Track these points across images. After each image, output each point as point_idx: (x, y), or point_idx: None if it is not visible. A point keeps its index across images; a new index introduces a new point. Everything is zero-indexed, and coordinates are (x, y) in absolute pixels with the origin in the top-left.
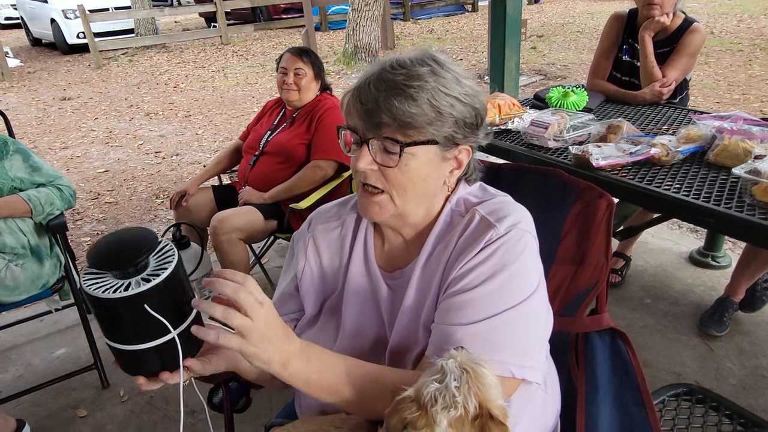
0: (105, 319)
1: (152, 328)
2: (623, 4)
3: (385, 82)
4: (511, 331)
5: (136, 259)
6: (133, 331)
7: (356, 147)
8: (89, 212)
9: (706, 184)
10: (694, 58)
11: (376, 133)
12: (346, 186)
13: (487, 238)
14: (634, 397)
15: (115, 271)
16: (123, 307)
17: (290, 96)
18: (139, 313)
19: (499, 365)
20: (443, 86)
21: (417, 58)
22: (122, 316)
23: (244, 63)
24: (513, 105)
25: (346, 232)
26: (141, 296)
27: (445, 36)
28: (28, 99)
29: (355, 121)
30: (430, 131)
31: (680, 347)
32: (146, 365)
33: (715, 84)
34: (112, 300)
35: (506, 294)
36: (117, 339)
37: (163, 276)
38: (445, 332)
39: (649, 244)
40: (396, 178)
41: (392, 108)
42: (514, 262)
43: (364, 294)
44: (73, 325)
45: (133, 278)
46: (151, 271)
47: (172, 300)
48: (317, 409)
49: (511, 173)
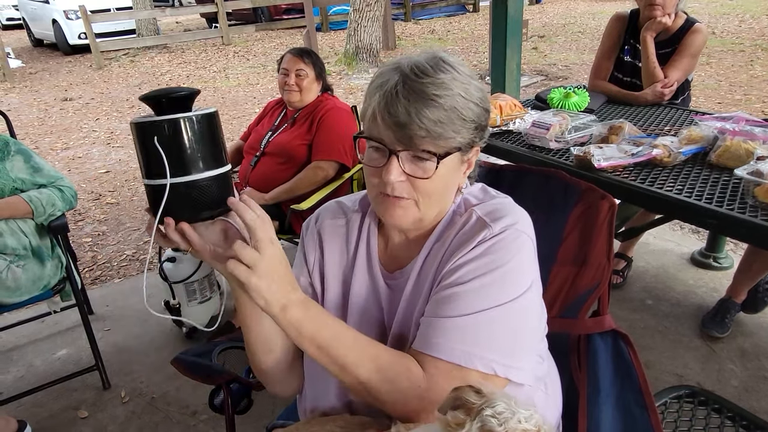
0: (151, 151)
1: (190, 161)
2: (625, 5)
3: (416, 93)
4: (498, 328)
5: (183, 97)
6: (175, 158)
7: (381, 157)
8: (91, 213)
9: (708, 186)
10: (696, 59)
11: (408, 146)
12: (347, 187)
13: (480, 237)
14: (636, 399)
15: (166, 109)
16: (167, 131)
17: (292, 97)
18: (181, 140)
19: (482, 362)
20: (464, 92)
21: (433, 62)
22: (165, 142)
23: (246, 63)
24: (514, 106)
25: (351, 229)
26: (183, 120)
27: (447, 36)
28: (29, 100)
29: (382, 132)
30: (458, 140)
31: (682, 349)
32: (175, 204)
33: (716, 84)
34: (167, 120)
35: (496, 291)
36: (153, 171)
37: (206, 111)
38: (431, 324)
39: (650, 245)
40: (425, 187)
41: (425, 120)
42: (508, 262)
43: (367, 293)
44: (74, 326)
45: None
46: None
47: (212, 143)
48: (320, 411)
49: (512, 174)
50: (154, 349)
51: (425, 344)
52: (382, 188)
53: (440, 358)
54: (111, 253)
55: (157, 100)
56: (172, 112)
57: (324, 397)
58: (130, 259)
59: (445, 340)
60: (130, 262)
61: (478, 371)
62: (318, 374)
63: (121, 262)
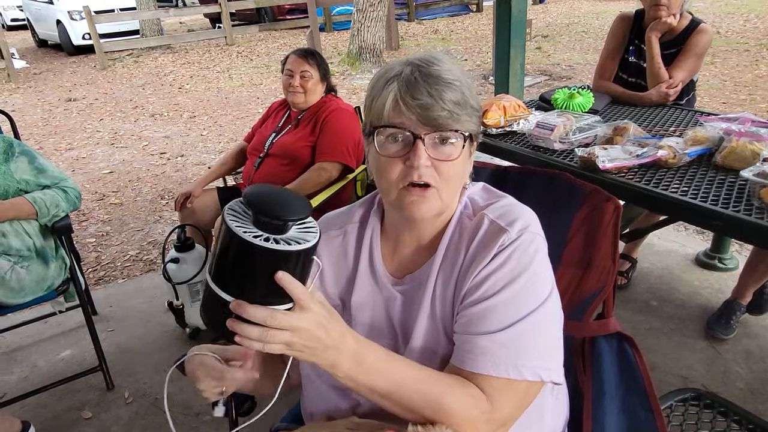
0: (232, 263)
1: (271, 291)
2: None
3: (433, 77)
4: (535, 335)
5: (288, 216)
6: (248, 284)
7: (401, 147)
8: (94, 213)
9: (713, 187)
10: (701, 59)
11: (434, 128)
12: (351, 188)
13: (499, 243)
14: (641, 401)
15: (263, 218)
16: (257, 259)
17: (296, 98)
18: (267, 270)
19: (530, 371)
20: (468, 80)
21: (435, 56)
22: (249, 267)
23: (249, 64)
24: (518, 106)
25: (348, 240)
26: (281, 254)
27: (450, 36)
28: (34, 100)
29: (405, 118)
30: (471, 126)
31: (687, 350)
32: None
33: (721, 84)
34: (257, 248)
35: (526, 299)
36: (229, 286)
37: (306, 246)
38: (470, 341)
39: (655, 246)
40: (448, 171)
41: (447, 101)
42: (529, 266)
43: (372, 304)
44: (77, 326)
45: (273, 235)
46: (290, 237)
47: (297, 274)
48: (324, 413)
49: (516, 176)
50: (158, 350)
51: (472, 363)
52: (409, 178)
53: (493, 376)
54: (115, 254)
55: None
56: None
57: (328, 398)
58: (133, 259)
59: (492, 356)
60: (134, 263)
61: (527, 380)
62: (321, 375)
63: (125, 262)
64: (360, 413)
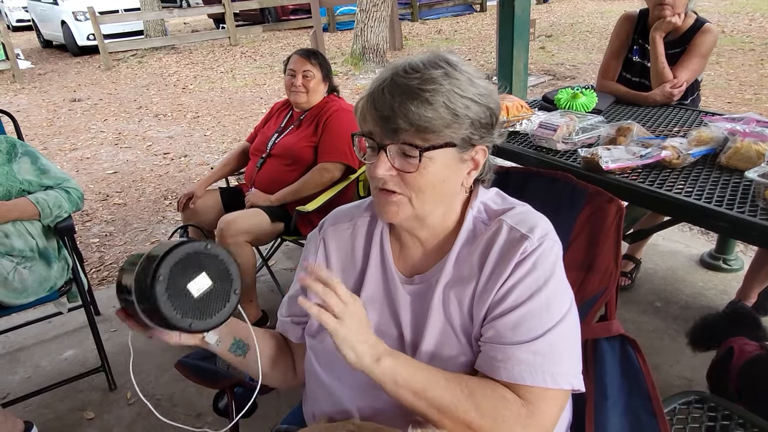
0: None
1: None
2: (633, 4)
3: (400, 87)
4: (566, 342)
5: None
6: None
7: (372, 153)
8: (98, 213)
9: (718, 188)
10: (706, 59)
11: (393, 139)
12: (353, 188)
13: (521, 250)
14: (644, 405)
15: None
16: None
17: (298, 98)
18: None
19: (563, 378)
20: (458, 88)
21: (429, 60)
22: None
23: (253, 64)
24: (521, 107)
25: (357, 234)
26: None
27: (454, 36)
28: (38, 100)
29: (371, 127)
30: (448, 134)
31: (690, 352)
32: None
33: (726, 84)
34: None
35: (554, 307)
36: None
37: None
38: (502, 351)
39: (659, 247)
40: (415, 182)
41: (408, 113)
42: (553, 274)
43: (381, 300)
44: (80, 327)
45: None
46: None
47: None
48: (326, 414)
49: (519, 176)
50: (160, 351)
51: (509, 374)
52: (376, 183)
53: (530, 386)
54: (118, 254)
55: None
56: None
57: (330, 400)
58: None
59: (528, 366)
60: None
61: (563, 389)
62: (324, 377)
63: None
64: (362, 416)
